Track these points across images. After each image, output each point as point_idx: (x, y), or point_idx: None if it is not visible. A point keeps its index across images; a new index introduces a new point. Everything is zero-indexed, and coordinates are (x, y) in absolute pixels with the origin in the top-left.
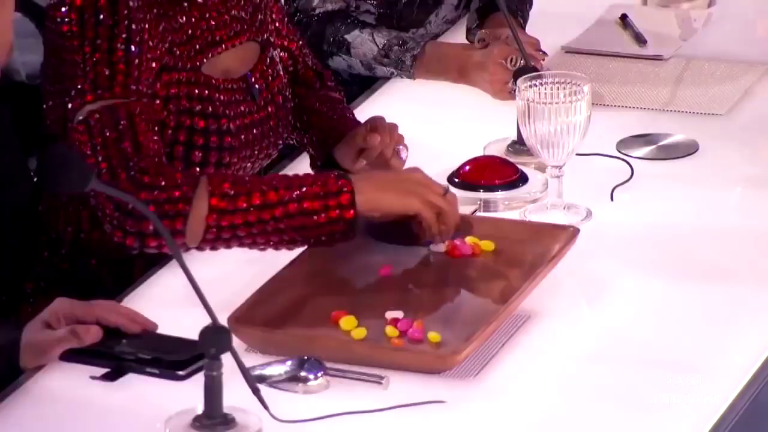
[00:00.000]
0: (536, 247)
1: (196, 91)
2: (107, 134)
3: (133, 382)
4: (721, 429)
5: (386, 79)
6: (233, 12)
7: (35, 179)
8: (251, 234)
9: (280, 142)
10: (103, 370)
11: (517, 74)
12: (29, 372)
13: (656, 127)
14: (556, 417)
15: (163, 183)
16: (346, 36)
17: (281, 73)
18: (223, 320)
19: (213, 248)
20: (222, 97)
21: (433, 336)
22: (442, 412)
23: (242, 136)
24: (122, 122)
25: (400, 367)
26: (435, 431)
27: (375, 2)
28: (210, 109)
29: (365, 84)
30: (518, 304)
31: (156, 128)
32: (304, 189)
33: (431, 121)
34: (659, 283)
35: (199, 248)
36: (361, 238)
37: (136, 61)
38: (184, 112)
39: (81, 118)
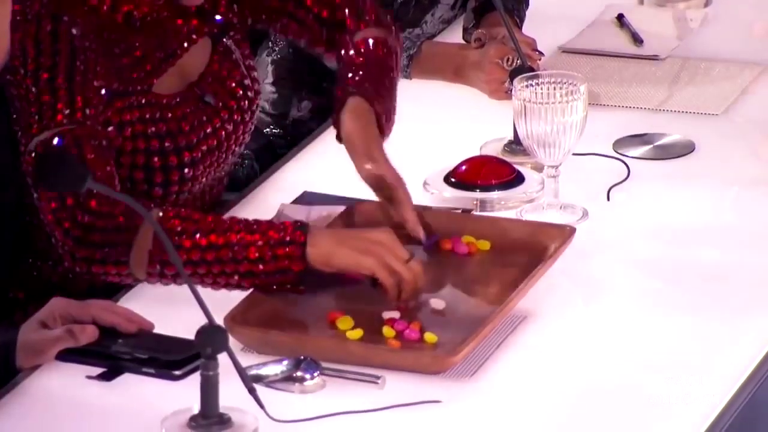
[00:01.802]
0: (532, 247)
1: (148, 113)
2: None
3: (130, 382)
4: (718, 428)
5: None
6: (185, 9)
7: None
8: (197, 273)
9: (248, 130)
10: (99, 370)
11: (514, 74)
12: (25, 372)
13: (653, 127)
14: (552, 417)
15: (109, 210)
16: None
17: (239, 61)
18: (219, 320)
19: (162, 282)
20: (175, 114)
21: (430, 337)
22: (438, 412)
23: (204, 147)
24: (71, 150)
25: (396, 367)
26: (431, 431)
27: None
28: (164, 128)
29: None
30: (514, 304)
31: (107, 154)
32: (254, 236)
33: (428, 121)
34: (655, 283)
35: (147, 281)
36: None
37: (80, 88)
38: (139, 135)
39: (30, 149)
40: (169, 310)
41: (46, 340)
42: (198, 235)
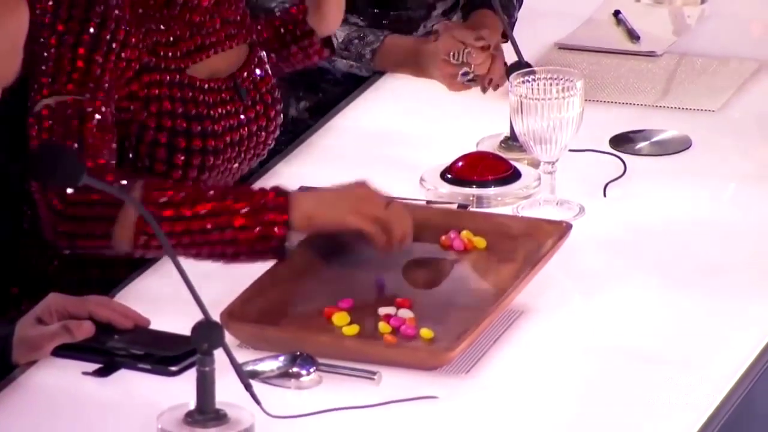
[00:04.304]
0: (529, 243)
1: (179, 93)
2: (55, 130)
3: (126, 378)
4: (714, 424)
5: (379, 76)
6: (225, 16)
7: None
8: (181, 244)
9: (270, 141)
10: (95, 366)
11: (511, 70)
12: (21, 367)
13: (649, 123)
14: (548, 413)
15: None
16: None
17: (270, 72)
18: (215, 316)
19: (143, 255)
20: (207, 99)
21: (426, 332)
22: (435, 407)
23: (227, 138)
24: (72, 120)
25: (392, 363)
26: (427, 427)
27: None
28: (193, 111)
29: (358, 82)
30: (511, 300)
31: (111, 130)
32: (238, 203)
33: (424, 117)
34: (652, 279)
35: (129, 254)
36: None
37: (101, 59)
38: (165, 113)
39: (35, 111)
40: (166, 305)
41: (42, 336)
42: (182, 206)
